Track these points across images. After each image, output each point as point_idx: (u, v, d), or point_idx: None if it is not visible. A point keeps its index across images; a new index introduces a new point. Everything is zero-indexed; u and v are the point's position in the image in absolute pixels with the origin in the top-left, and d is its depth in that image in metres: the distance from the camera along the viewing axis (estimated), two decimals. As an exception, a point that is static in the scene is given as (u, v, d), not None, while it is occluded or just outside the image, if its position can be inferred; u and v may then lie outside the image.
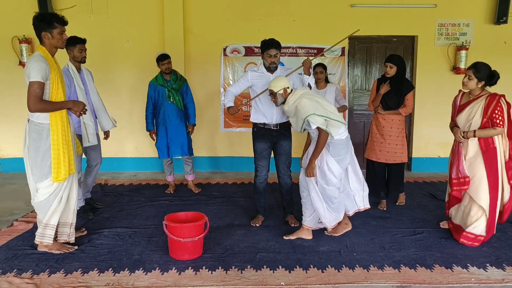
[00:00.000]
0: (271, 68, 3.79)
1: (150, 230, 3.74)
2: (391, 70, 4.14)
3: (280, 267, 3.01)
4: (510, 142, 3.32)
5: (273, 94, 3.48)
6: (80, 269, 2.95)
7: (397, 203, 4.53)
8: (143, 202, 4.60)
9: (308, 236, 3.53)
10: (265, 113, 3.81)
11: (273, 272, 2.94)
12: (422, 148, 6.31)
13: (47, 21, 3.00)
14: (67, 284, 2.75)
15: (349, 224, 3.67)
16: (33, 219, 3.97)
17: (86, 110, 3.22)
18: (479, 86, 3.30)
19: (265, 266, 3.02)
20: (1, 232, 3.68)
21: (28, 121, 3.06)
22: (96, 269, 2.96)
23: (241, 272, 2.93)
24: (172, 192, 4.95)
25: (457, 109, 3.52)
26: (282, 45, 3.87)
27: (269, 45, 3.71)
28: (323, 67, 4.87)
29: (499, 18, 5.84)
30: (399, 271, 2.95)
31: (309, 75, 3.77)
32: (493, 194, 3.32)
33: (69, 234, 3.32)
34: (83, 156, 4.02)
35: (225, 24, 5.94)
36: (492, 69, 3.31)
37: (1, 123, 6.09)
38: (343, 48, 6.04)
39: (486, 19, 6.00)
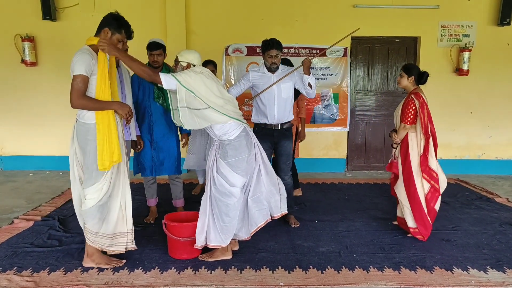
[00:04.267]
0: (272, 68, 3.78)
1: (150, 229, 3.74)
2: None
3: (279, 267, 3.00)
4: (427, 139, 3.42)
5: (176, 61, 3.14)
6: (79, 267, 2.95)
7: None
8: (143, 201, 4.58)
9: (227, 255, 3.14)
10: (266, 113, 3.81)
11: (273, 272, 2.93)
12: (424, 149, 6.28)
13: (119, 23, 2.84)
14: (67, 282, 2.75)
15: (230, 252, 3.14)
16: (34, 217, 3.98)
17: (132, 115, 2.93)
18: (410, 81, 3.54)
19: (264, 267, 3.01)
20: (1, 230, 3.68)
21: (76, 121, 2.85)
22: (95, 267, 2.95)
23: (241, 272, 2.93)
24: (152, 221, 3.92)
25: None
26: (284, 45, 3.86)
27: (270, 45, 3.70)
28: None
29: (503, 19, 5.82)
30: (399, 273, 2.93)
31: (309, 74, 3.76)
32: (409, 188, 3.47)
33: (126, 243, 2.98)
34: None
35: (227, 24, 5.94)
36: (422, 70, 3.59)
37: (3, 121, 6.09)
38: (345, 49, 6.03)
39: (489, 21, 5.98)
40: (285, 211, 3.35)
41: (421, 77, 3.55)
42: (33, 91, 5.98)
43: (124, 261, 3.04)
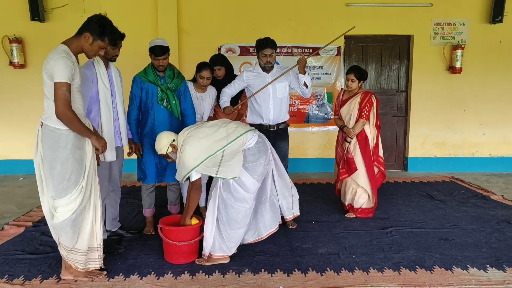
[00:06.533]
0: (266, 68, 3.74)
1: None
2: (220, 72, 4.01)
3: (278, 270, 2.95)
4: (377, 131, 4.00)
5: (165, 156, 3.12)
6: (73, 275, 2.87)
7: None
8: (137, 205, 4.52)
9: (225, 259, 3.08)
10: (261, 114, 3.76)
11: (272, 275, 2.88)
12: (418, 148, 6.29)
13: (102, 30, 2.61)
14: (60, 290, 2.68)
15: (228, 257, 3.08)
16: (25, 223, 3.89)
17: (106, 148, 2.78)
18: (359, 85, 3.97)
19: (263, 270, 2.96)
20: (-9, 237, 3.59)
21: (42, 125, 2.57)
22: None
23: (239, 276, 2.87)
24: (153, 232, 3.64)
25: (340, 104, 4.09)
26: (277, 44, 3.82)
27: (264, 44, 3.66)
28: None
29: (495, 17, 5.84)
30: (399, 274, 2.90)
31: (304, 73, 3.72)
32: (370, 173, 3.97)
33: (98, 258, 2.80)
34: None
35: (219, 24, 5.88)
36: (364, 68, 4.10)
37: (-9, 125, 5.98)
38: (338, 48, 6.00)
39: (481, 19, 5.99)
40: (297, 213, 3.46)
41: (365, 78, 4.00)
42: (22, 94, 5.86)
43: (104, 273, 2.87)
